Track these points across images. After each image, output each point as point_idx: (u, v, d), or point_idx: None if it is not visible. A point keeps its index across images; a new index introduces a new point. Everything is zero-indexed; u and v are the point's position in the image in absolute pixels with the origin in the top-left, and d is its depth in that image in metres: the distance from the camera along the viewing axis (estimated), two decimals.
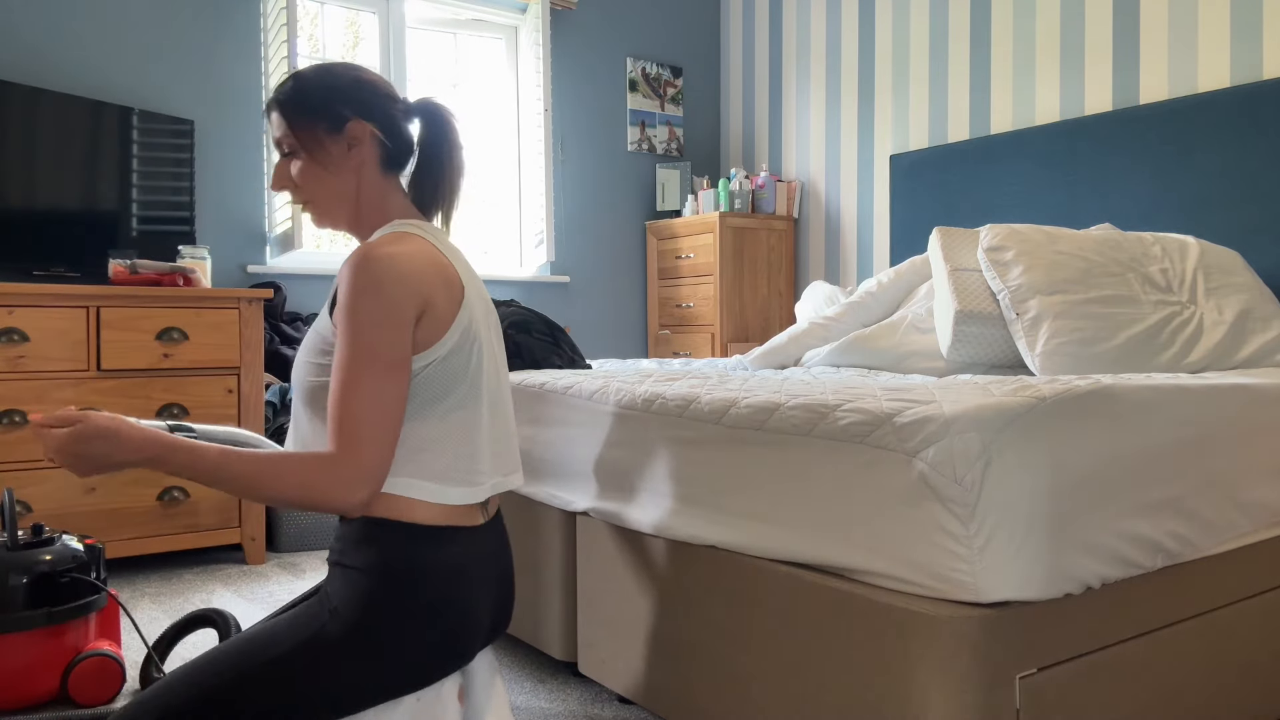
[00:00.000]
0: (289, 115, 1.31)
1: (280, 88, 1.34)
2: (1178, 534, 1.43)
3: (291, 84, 1.33)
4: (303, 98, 1.31)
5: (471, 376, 1.26)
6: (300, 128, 1.30)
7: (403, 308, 1.17)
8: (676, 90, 4.82)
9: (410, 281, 1.18)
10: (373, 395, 1.15)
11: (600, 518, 1.79)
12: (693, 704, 1.55)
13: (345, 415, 1.14)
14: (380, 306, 1.16)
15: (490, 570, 1.28)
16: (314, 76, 1.33)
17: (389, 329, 1.16)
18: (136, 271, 2.96)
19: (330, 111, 1.30)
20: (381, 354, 1.16)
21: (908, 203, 3.87)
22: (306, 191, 1.32)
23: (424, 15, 4.17)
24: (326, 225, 1.35)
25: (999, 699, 1.16)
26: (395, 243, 1.22)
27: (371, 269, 1.17)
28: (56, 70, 3.26)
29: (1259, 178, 2.81)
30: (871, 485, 1.27)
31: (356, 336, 1.16)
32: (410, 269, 1.19)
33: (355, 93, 1.32)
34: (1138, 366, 2.21)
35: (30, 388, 2.71)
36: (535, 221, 4.30)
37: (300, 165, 1.31)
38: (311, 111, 1.30)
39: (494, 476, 1.29)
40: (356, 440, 1.13)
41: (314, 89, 1.31)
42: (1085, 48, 3.36)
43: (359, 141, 1.31)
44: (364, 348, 1.16)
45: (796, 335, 2.94)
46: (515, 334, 2.45)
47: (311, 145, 1.30)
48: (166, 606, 2.56)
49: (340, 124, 1.30)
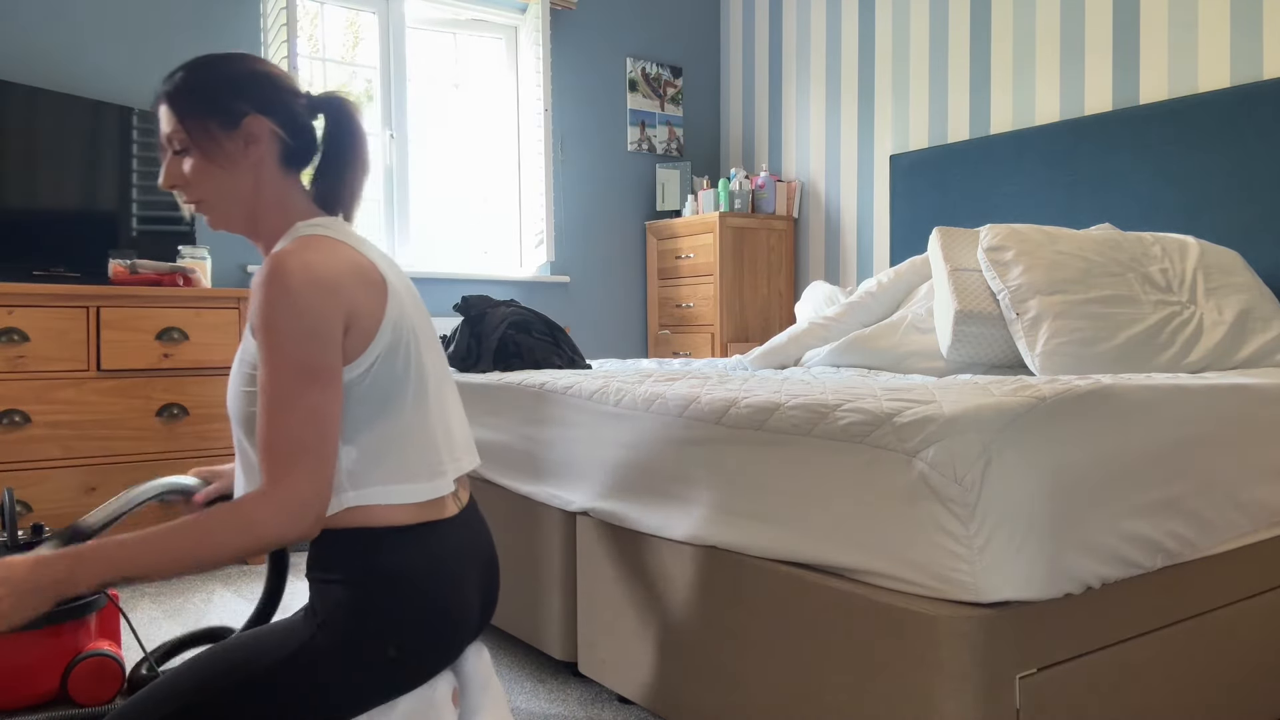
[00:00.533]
0: (179, 109, 1.21)
1: (169, 79, 1.24)
2: (1178, 534, 1.43)
3: (182, 75, 1.23)
4: (194, 91, 1.21)
5: (415, 370, 1.22)
6: (192, 123, 1.20)
7: (325, 317, 1.11)
8: (676, 90, 4.82)
9: (330, 291, 1.12)
10: (303, 415, 1.08)
11: (600, 518, 1.79)
12: (693, 704, 1.55)
13: (275, 441, 1.08)
14: (299, 319, 1.10)
15: (473, 558, 1.26)
16: (207, 68, 1.23)
17: (311, 341, 1.10)
18: (136, 271, 2.96)
19: (225, 106, 1.21)
20: (306, 369, 1.09)
21: (908, 203, 3.87)
22: (199, 191, 1.23)
23: (424, 15, 4.17)
24: (221, 227, 1.26)
25: (999, 699, 1.16)
26: (307, 249, 1.14)
27: (285, 280, 1.10)
28: (56, 70, 3.25)
29: (1259, 178, 2.81)
30: (871, 485, 1.27)
31: (277, 354, 1.09)
32: (328, 276, 1.13)
33: (252, 86, 1.23)
34: (1138, 366, 2.21)
35: (30, 388, 2.70)
36: (535, 221, 4.30)
37: (192, 163, 1.21)
38: (204, 106, 1.21)
39: (453, 462, 1.27)
40: (290, 466, 1.07)
41: (207, 81, 1.22)
42: (1085, 48, 3.36)
43: (257, 139, 1.22)
44: (287, 365, 1.09)
45: (796, 335, 2.94)
46: (515, 334, 2.45)
47: (204, 142, 1.20)
48: (166, 607, 2.56)
49: (236, 119, 1.21)
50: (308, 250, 1.14)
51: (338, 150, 1.28)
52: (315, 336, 1.10)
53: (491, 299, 2.57)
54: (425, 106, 4.18)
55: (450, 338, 2.59)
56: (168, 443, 2.92)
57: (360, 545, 1.16)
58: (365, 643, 1.14)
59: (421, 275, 4.01)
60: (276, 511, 1.07)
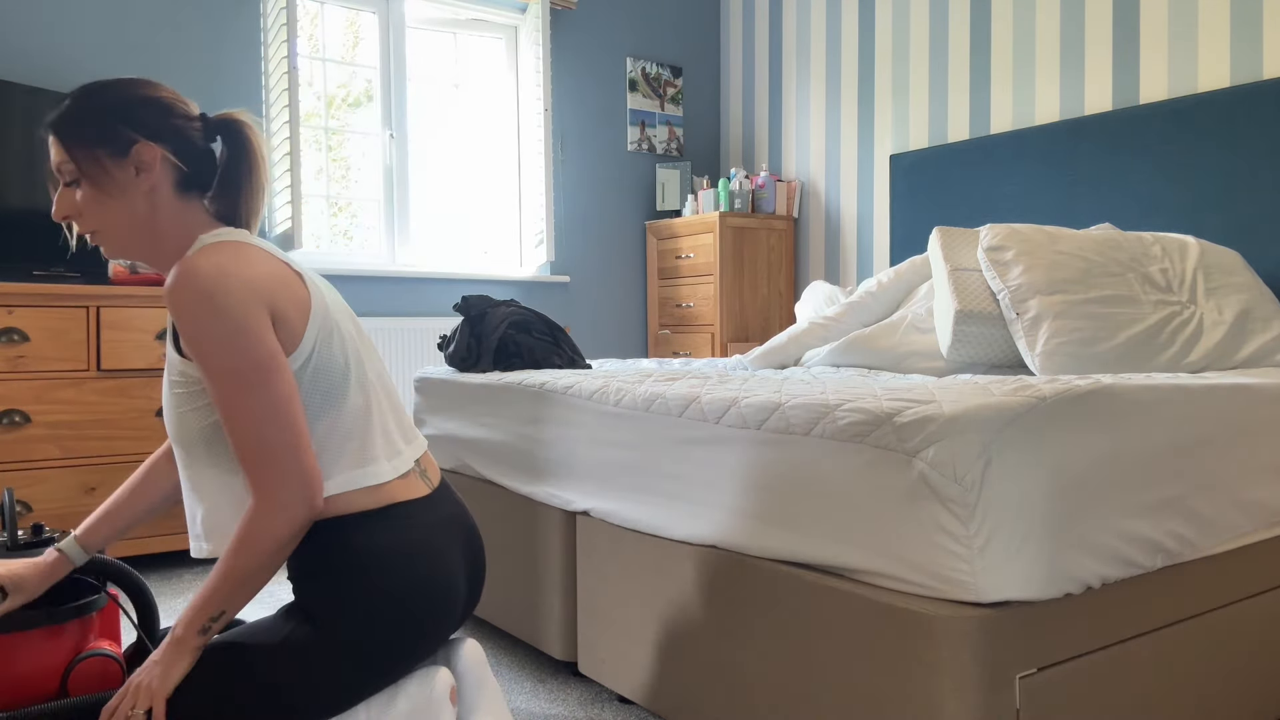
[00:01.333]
0: (66, 139, 1.19)
1: (56, 109, 1.22)
2: (1178, 534, 1.43)
3: (68, 104, 1.21)
4: (81, 120, 1.19)
5: (353, 357, 1.24)
6: (79, 153, 1.18)
7: (248, 310, 1.11)
8: (676, 90, 4.82)
9: (245, 284, 1.12)
10: (260, 414, 1.10)
11: (600, 518, 1.79)
12: (693, 704, 1.55)
13: (245, 447, 1.10)
14: (222, 320, 1.10)
15: (455, 533, 1.28)
16: (92, 96, 1.21)
17: (244, 337, 1.10)
18: (136, 271, 2.96)
19: (113, 134, 1.19)
20: (245, 369, 1.10)
21: (908, 203, 3.87)
22: (92, 221, 1.20)
23: (424, 15, 4.17)
24: (118, 255, 1.24)
25: (999, 699, 1.16)
26: (214, 254, 1.14)
27: (198, 284, 1.10)
28: (56, 70, 3.25)
29: (1259, 178, 2.81)
30: (871, 485, 1.27)
31: (212, 362, 1.10)
32: (240, 272, 1.13)
33: (141, 112, 1.21)
34: (1138, 366, 2.21)
35: (30, 388, 2.70)
36: (535, 221, 4.30)
37: (83, 193, 1.19)
38: (91, 134, 1.19)
39: (407, 445, 1.30)
40: (273, 461, 1.10)
41: (93, 110, 1.20)
42: (1085, 48, 3.36)
43: (148, 166, 1.20)
44: (229, 369, 1.10)
45: (796, 335, 2.94)
46: (515, 334, 2.45)
47: (94, 172, 1.18)
48: (166, 607, 2.56)
49: (125, 147, 1.19)
50: (214, 254, 1.14)
51: (235, 171, 1.27)
52: (242, 333, 1.10)
53: (491, 299, 2.57)
54: (425, 106, 4.18)
55: (450, 338, 2.59)
56: None
57: (336, 534, 1.17)
58: (359, 627, 1.15)
59: (421, 275, 4.01)
60: (272, 518, 1.10)
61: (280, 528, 1.10)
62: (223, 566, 1.12)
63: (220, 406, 1.11)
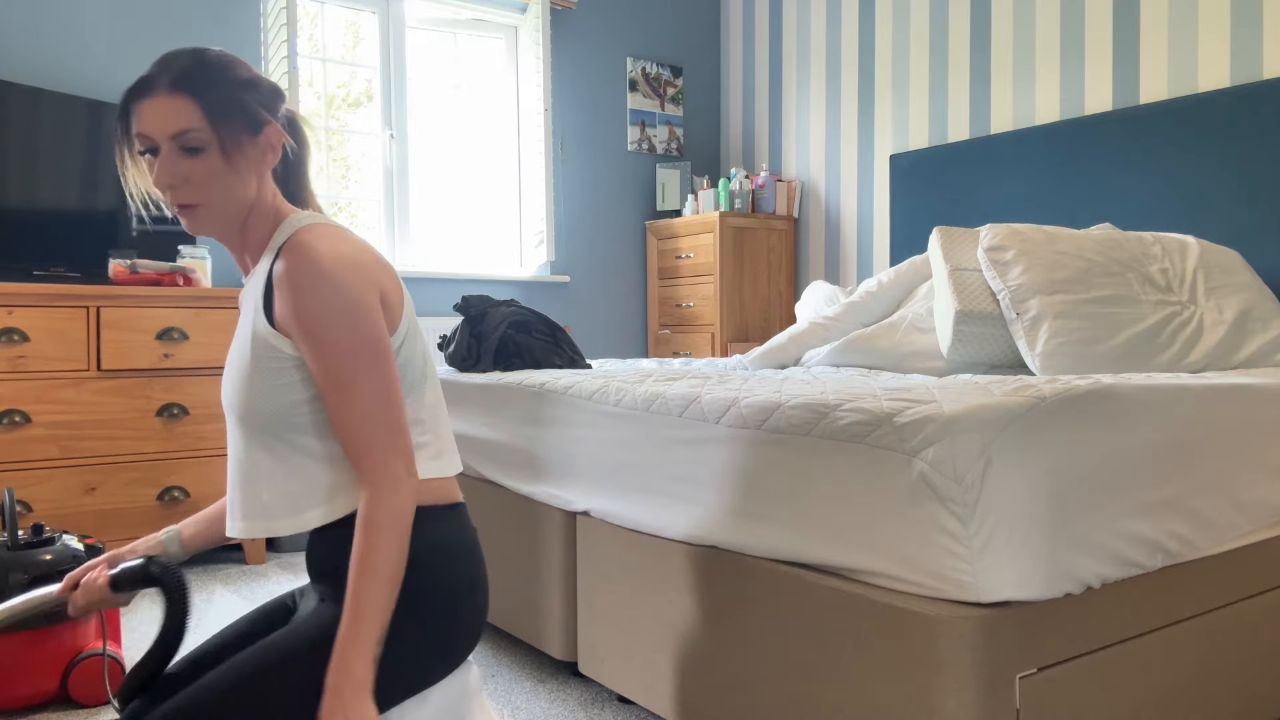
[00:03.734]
0: (210, 107, 1.13)
1: (188, 69, 1.15)
2: (1178, 534, 1.43)
3: (210, 72, 1.15)
4: (227, 91, 1.15)
5: (425, 356, 1.26)
6: (221, 123, 1.14)
7: (365, 293, 1.13)
8: (676, 90, 4.82)
9: (360, 267, 1.15)
10: (371, 393, 1.11)
11: (600, 518, 1.79)
12: (693, 704, 1.55)
13: (354, 428, 1.10)
14: (340, 297, 1.11)
15: (479, 544, 1.30)
16: (228, 68, 1.17)
17: (364, 316, 1.12)
18: (136, 271, 2.96)
19: (253, 111, 1.17)
20: (368, 343, 1.11)
21: (908, 203, 3.87)
22: (205, 193, 1.15)
23: (424, 15, 4.17)
24: (208, 232, 1.20)
25: (999, 699, 1.16)
26: (324, 236, 1.15)
27: (321, 264, 1.11)
28: (56, 70, 3.25)
29: (1259, 178, 2.81)
30: (871, 485, 1.27)
31: (334, 336, 1.10)
32: (357, 256, 1.15)
33: (272, 95, 1.21)
34: (1138, 366, 2.21)
35: (30, 388, 2.70)
36: (535, 221, 4.30)
37: (205, 164, 1.14)
38: (234, 108, 1.15)
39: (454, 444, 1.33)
40: (387, 438, 1.10)
41: (235, 83, 1.16)
42: (1085, 48, 3.36)
43: (273, 148, 1.20)
44: (348, 347, 1.10)
45: (796, 335, 2.94)
46: (515, 334, 2.45)
47: (230, 145, 1.15)
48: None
49: (259, 127, 1.18)
50: (325, 237, 1.15)
51: (300, 161, 1.30)
52: (362, 312, 1.12)
53: (491, 299, 2.57)
54: (425, 106, 4.18)
55: (450, 338, 2.59)
56: (167, 443, 2.92)
57: (430, 538, 1.17)
58: (425, 622, 1.14)
59: (421, 275, 4.01)
60: (396, 495, 1.09)
61: (406, 502, 1.10)
62: (367, 567, 1.05)
63: (332, 384, 1.11)
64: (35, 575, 1.78)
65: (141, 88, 1.15)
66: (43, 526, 1.88)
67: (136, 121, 1.15)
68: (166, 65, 1.15)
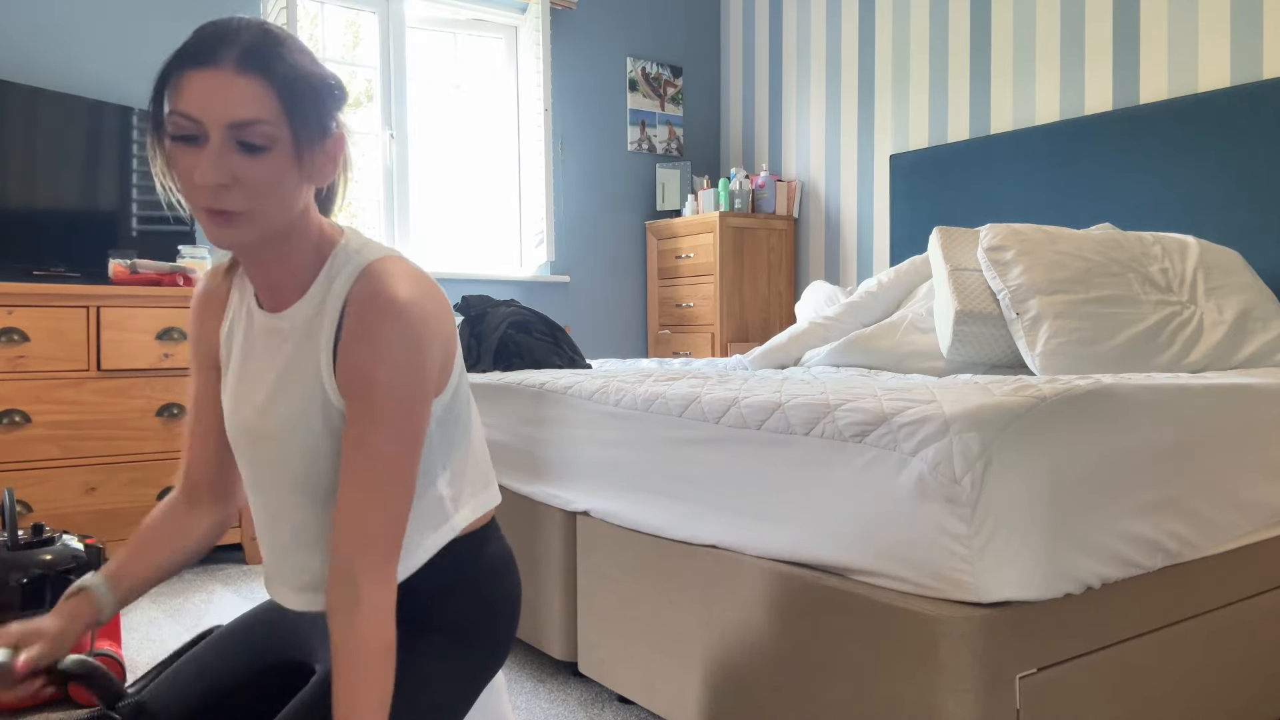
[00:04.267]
0: (292, 101, 0.93)
1: (259, 45, 0.92)
2: (1178, 534, 1.43)
3: (287, 53, 0.94)
4: (308, 80, 0.95)
5: (469, 391, 1.19)
6: (299, 120, 0.94)
7: (433, 367, 0.99)
8: (676, 90, 4.82)
9: (444, 329, 1.02)
10: (404, 490, 0.97)
11: (600, 518, 1.79)
12: (693, 704, 1.55)
13: (377, 526, 0.95)
14: (422, 373, 0.97)
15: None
16: (307, 53, 0.99)
17: (425, 401, 0.98)
18: (136, 271, 2.96)
19: (330, 112, 0.99)
20: (418, 435, 0.97)
21: (908, 203, 3.87)
22: (257, 198, 0.94)
23: (424, 15, 4.17)
24: (251, 243, 0.97)
25: (999, 699, 1.16)
26: (414, 281, 1.00)
27: (419, 324, 0.96)
28: (56, 70, 3.25)
29: (1259, 178, 2.81)
30: (871, 485, 1.27)
31: (394, 416, 0.95)
32: (441, 311, 1.01)
33: (343, 95, 1.02)
34: (1138, 366, 2.21)
35: (30, 388, 2.70)
36: (535, 221, 4.30)
37: (268, 167, 0.93)
38: (312, 105, 0.95)
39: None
40: (389, 556, 0.96)
41: (316, 73, 0.97)
42: (1085, 48, 3.36)
43: (332, 161, 1.01)
44: (406, 433, 0.96)
45: (796, 335, 2.94)
46: (515, 334, 2.45)
47: (304, 146, 0.95)
48: (166, 607, 2.56)
49: (328, 131, 0.99)
50: (415, 282, 0.99)
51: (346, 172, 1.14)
52: (426, 393, 0.98)
53: (491, 299, 2.57)
54: (425, 106, 4.18)
55: None
56: (167, 443, 2.92)
57: (464, 554, 1.14)
58: (493, 632, 1.15)
59: None
60: (383, 632, 0.93)
61: (391, 628, 0.95)
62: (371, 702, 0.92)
63: (373, 464, 0.96)
64: (35, 576, 1.78)
65: (196, 55, 0.91)
66: (43, 526, 1.88)
67: (181, 98, 0.91)
68: (228, 35, 0.92)
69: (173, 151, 0.93)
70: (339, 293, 1.01)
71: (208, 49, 0.91)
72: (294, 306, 1.04)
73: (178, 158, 0.93)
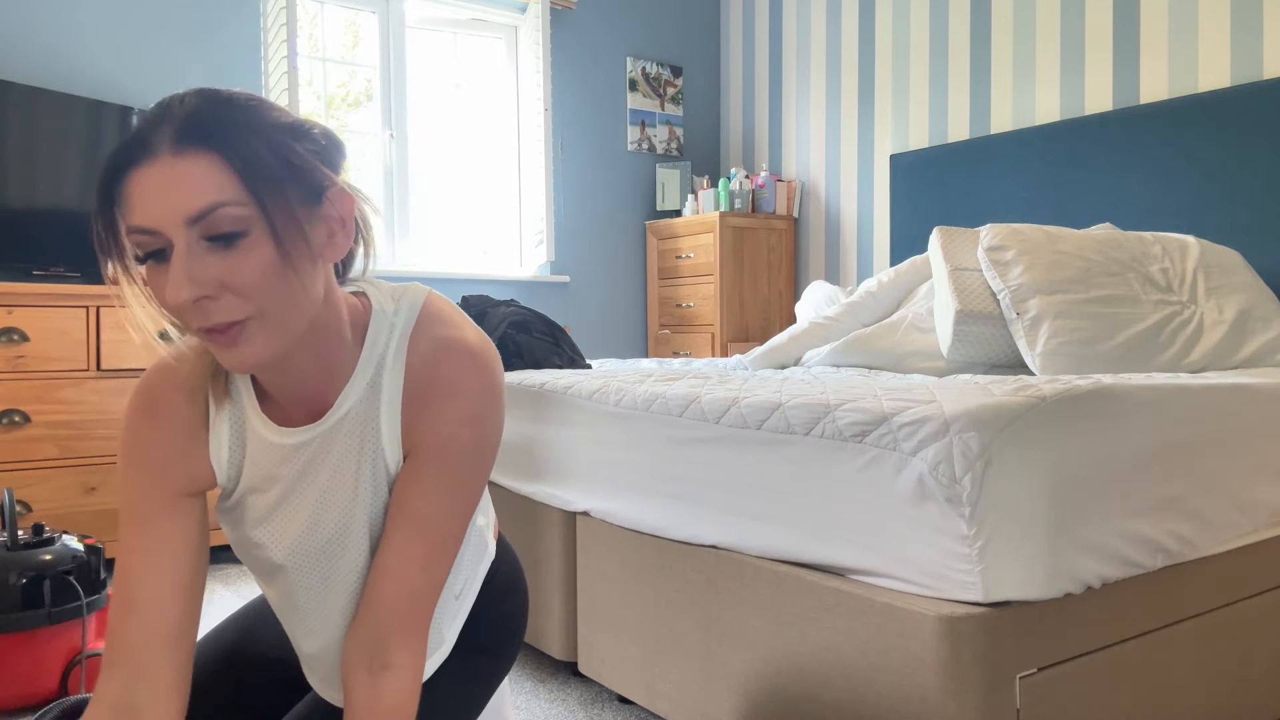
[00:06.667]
0: (258, 169, 0.75)
1: (199, 113, 0.75)
2: (1178, 534, 1.43)
3: (233, 113, 0.76)
4: (265, 136, 0.76)
5: None
6: (267, 191, 0.75)
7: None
8: (676, 90, 4.82)
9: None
10: (457, 549, 0.92)
11: (600, 518, 1.79)
12: (692, 704, 1.55)
13: (425, 592, 0.88)
14: (501, 426, 0.90)
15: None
16: (266, 109, 0.78)
17: (496, 452, 0.91)
18: None
19: (309, 168, 0.78)
20: (481, 492, 0.91)
21: (908, 203, 3.87)
22: (253, 298, 0.76)
23: (424, 15, 4.17)
24: (263, 361, 0.79)
25: (999, 699, 1.16)
26: (464, 317, 0.93)
27: (494, 367, 0.88)
28: (56, 70, 3.25)
29: (1259, 178, 2.81)
30: (871, 485, 1.27)
31: (471, 476, 0.88)
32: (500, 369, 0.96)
33: (332, 147, 0.82)
34: (1138, 366, 2.21)
35: (30, 388, 2.70)
36: (535, 221, 4.30)
37: (249, 256, 0.75)
38: (279, 167, 0.76)
39: None
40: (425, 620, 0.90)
41: (277, 126, 0.77)
42: (1085, 48, 3.36)
43: (342, 225, 0.82)
44: (476, 493, 0.90)
45: (796, 335, 2.94)
46: (515, 334, 2.45)
47: (284, 223, 0.76)
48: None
49: (319, 193, 0.79)
50: (459, 318, 0.92)
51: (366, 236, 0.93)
52: (498, 446, 0.92)
53: (491, 299, 2.57)
54: (425, 106, 4.18)
55: None
56: None
57: (500, 563, 1.18)
58: (498, 654, 1.16)
59: (421, 275, 4.01)
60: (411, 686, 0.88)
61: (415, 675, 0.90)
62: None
63: (435, 530, 0.87)
64: (35, 576, 1.78)
65: (129, 151, 0.75)
66: (43, 526, 1.88)
67: (130, 209, 0.75)
68: (162, 115, 0.75)
69: (148, 274, 0.78)
70: (395, 368, 0.88)
71: (140, 140, 0.74)
72: (334, 407, 0.88)
73: (153, 279, 0.77)
